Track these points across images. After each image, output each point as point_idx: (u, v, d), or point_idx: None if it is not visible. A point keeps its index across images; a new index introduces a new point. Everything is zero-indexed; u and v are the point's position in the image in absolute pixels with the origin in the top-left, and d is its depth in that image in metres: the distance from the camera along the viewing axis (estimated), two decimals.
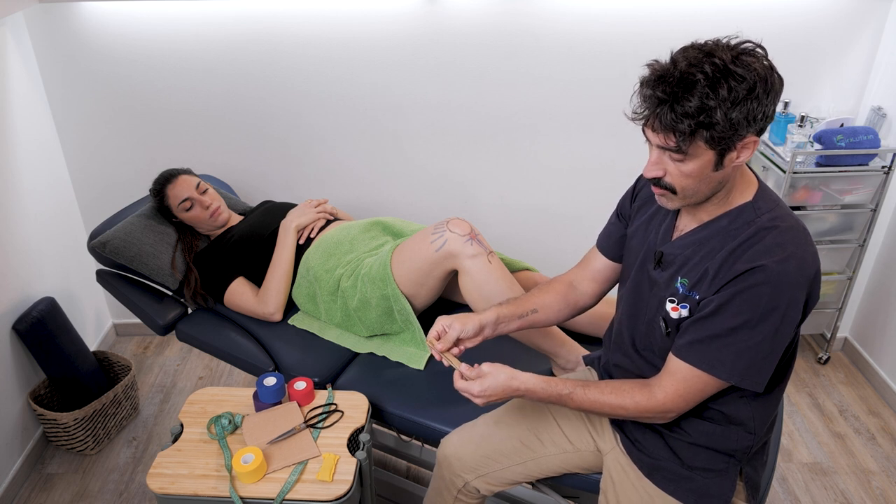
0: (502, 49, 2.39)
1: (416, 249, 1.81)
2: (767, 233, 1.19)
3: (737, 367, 1.21)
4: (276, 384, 1.65)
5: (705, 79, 1.08)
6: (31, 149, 2.38)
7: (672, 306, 1.29)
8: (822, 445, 2.42)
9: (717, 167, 1.16)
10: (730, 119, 1.09)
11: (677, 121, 1.10)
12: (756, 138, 1.14)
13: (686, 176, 1.18)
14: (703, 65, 1.08)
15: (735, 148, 1.14)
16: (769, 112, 1.12)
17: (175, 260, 2.12)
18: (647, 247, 1.38)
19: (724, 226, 1.24)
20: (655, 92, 1.11)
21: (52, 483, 2.27)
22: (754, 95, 1.09)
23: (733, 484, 1.37)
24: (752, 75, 1.08)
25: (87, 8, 2.30)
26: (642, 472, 1.43)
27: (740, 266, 1.18)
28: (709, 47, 1.12)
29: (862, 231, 2.51)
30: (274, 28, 2.35)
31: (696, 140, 1.12)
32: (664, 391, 1.28)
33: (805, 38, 2.40)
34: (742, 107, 1.09)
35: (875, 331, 2.69)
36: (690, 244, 1.28)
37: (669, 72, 1.11)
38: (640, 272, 1.39)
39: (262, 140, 2.57)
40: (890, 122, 2.40)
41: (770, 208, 1.22)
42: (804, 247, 1.19)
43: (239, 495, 1.44)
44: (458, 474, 1.60)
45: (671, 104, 1.10)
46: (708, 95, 1.08)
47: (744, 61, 1.09)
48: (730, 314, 1.19)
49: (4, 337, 2.20)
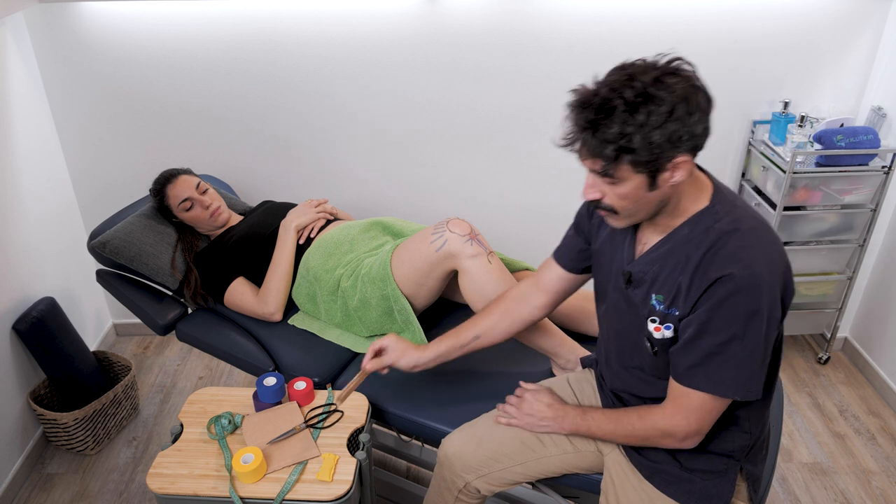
0: (502, 49, 2.39)
1: (416, 249, 1.81)
2: (730, 237, 1.18)
3: (739, 380, 1.21)
4: (276, 384, 1.65)
5: (624, 104, 1.08)
6: (31, 149, 2.38)
7: (654, 326, 1.29)
8: (822, 445, 2.42)
9: (651, 188, 1.16)
10: (650, 143, 1.09)
11: (600, 147, 1.11)
12: (687, 157, 1.13)
13: (622, 198, 1.19)
14: (622, 90, 1.09)
15: (666, 169, 1.14)
16: (696, 131, 1.11)
17: (175, 260, 2.12)
18: (615, 265, 1.38)
19: (685, 235, 1.23)
20: (578, 119, 1.13)
21: (52, 483, 2.27)
22: (675, 118, 1.08)
23: (733, 484, 1.37)
24: (672, 97, 1.08)
25: (87, 8, 2.30)
26: (643, 475, 1.43)
27: (710, 276, 1.17)
28: (631, 70, 1.12)
29: (862, 231, 2.51)
30: (274, 28, 2.35)
31: (622, 164, 1.13)
32: (680, 415, 1.28)
33: (805, 38, 2.40)
34: (662, 130, 1.08)
35: (875, 331, 2.69)
36: (656, 259, 1.27)
37: (590, 98, 1.12)
38: (616, 291, 1.38)
39: (262, 140, 2.57)
40: (890, 122, 2.40)
41: (728, 210, 1.21)
42: (769, 244, 1.19)
43: (239, 495, 1.44)
44: (458, 474, 1.60)
45: (593, 131, 1.11)
46: (626, 121, 1.08)
47: (665, 83, 1.09)
48: (714, 331, 1.18)
49: (4, 337, 2.20)
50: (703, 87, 1.13)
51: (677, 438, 1.30)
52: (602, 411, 1.43)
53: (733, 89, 2.49)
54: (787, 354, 2.86)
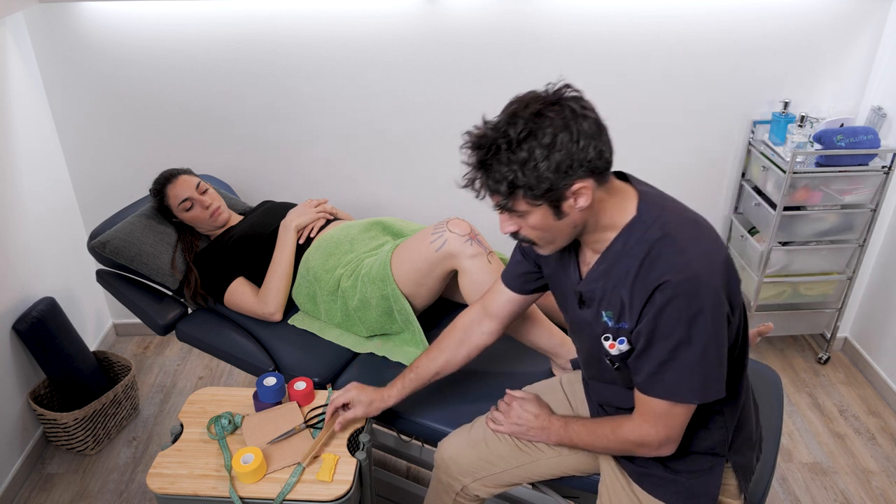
0: (502, 49, 2.39)
1: (416, 249, 1.81)
2: (661, 244, 1.18)
3: (694, 385, 1.20)
4: (276, 384, 1.65)
5: (507, 143, 1.11)
6: (31, 149, 2.38)
7: (609, 343, 1.29)
8: (822, 445, 2.42)
9: (558, 216, 1.17)
10: (538, 176, 1.10)
11: (494, 185, 1.14)
12: (586, 182, 1.13)
13: (534, 229, 1.20)
14: (506, 128, 1.11)
15: (566, 196, 1.14)
16: (587, 156, 1.11)
17: (175, 260, 2.12)
18: (567, 287, 1.38)
19: (620, 249, 1.23)
20: (470, 160, 1.16)
21: (52, 483, 2.27)
22: (557, 148, 1.09)
23: (719, 479, 1.38)
24: (551, 129, 1.09)
25: (87, 8, 2.30)
26: (632, 479, 1.44)
27: (648, 286, 1.17)
28: (515, 107, 1.14)
29: (862, 231, 2.51)
30: (274, 28, 2.35)
31: (518, 199, 1.15)
32: (648, 423, 1.28)
33: (805, 38, 2.40)
34: (548, 162, 1.09)
35: (875, 331, 2.69)
36: (600, 276, 1.27)
37: (479, 140, 1.15)
38: (574, 313, 1.39)
39: (262, 140, 2.57)
40: (890, 122, 2.40)
41: (656, 216, 1.20)
42: (702, 242, 1.19)
43: (239, 495, 1.44)
44: (455, 477, 1.61)
45: (484, 171, 1.14)
46: (510, 160, 1.11)
47: (545, 115, 1.10)
48: (662, 338, 1.18)
49: (4, 337, 2.20)
50: (588, 113, 1.13)
51: (652, 447, 1.30)
52: (582, 423, 1.43)
53: (733, 89, 2.49)
54: (787, 354, 2.86)
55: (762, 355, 2.85)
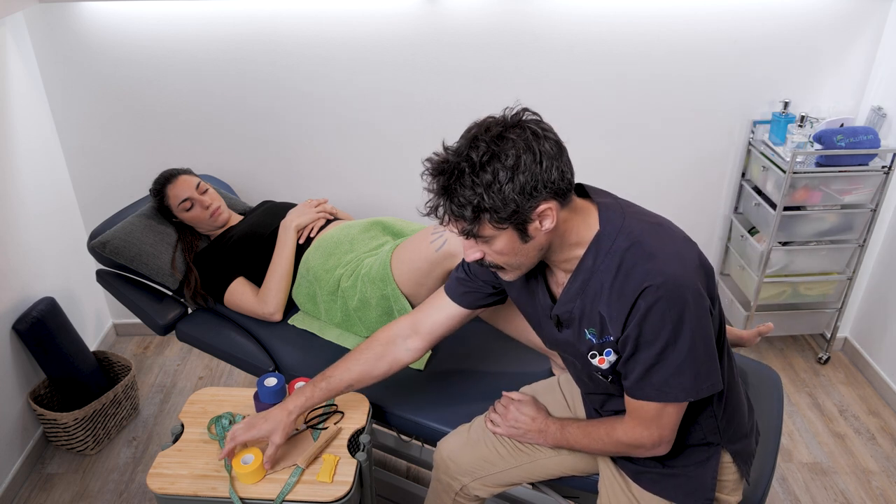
0: (502, 49, 2.39)
1: (416, 249, 1.81)
2: (631, 253, 1.18)
3: (684, 383, 1.20)
4: (277, 385, 1.65)
5: (470, 167, 1.10)
6: (31, 149, 2.38)
7: (598, 360, 1.28)
8: (822, 445, 2.42)
9: (524, 239, 1.16)
10: (504, 198, 1.10)
11: (459, 210, 1.13)
12: (551, 203, 1.13)
13: (500, 254, 1.19)
14: (468, 152, 1.10)
15: (532, 219, 1.13)
16: (550, 177, 1.11)
17: (175, 260, 2.12)
18: (540, 311, 1.37)
19: (591, 265, 1.22)
20: (433, 187, 1.15)
21: (52, 483, 2.27)
22: (520, 170, 1.09)
23: (715, 472, 1.38)
24: (514, 151, 1.09)
25: (87, 8, 2.30)
26: (629, 477, 1.44)
27: (628, 296, 1.17)
28: (476, 130, 1.13)
29: (862, 231, 2.51)
30: (274, 28, 2.35)
31: (484, 223, 1.14)
32: (642, 426, 1.29)
33: (805, 38, 2.40)
34: (513, 184, 1.09)
35: (875, 331, 2.69)
36: (576, 295, 1.26)
37: (441, 165, 1.14)
38: (553, 335, 1.37)
39: (262, 140, 2.57)
40: (890, 122, 2.40)
41: (618, 227, 1.20)
42: (669, 243, 1.19)
43: (239, 496, 1.44)
44: (455, 477, 1.61)
45: (448, 196, 1.13)
46: (475, 183, 1.09)
47: (506, 137, 1.10)
48: (648, 343, 1.18)
49: (4, 337, 2.20)
50: (548, 135, 1.13)
51: (646, 448, 1.31)
52: (578, 425, 1.42)
53: (733, 89, 2.49)
54: (787, 354, 2.86)
55: (762, 355, 2.85)
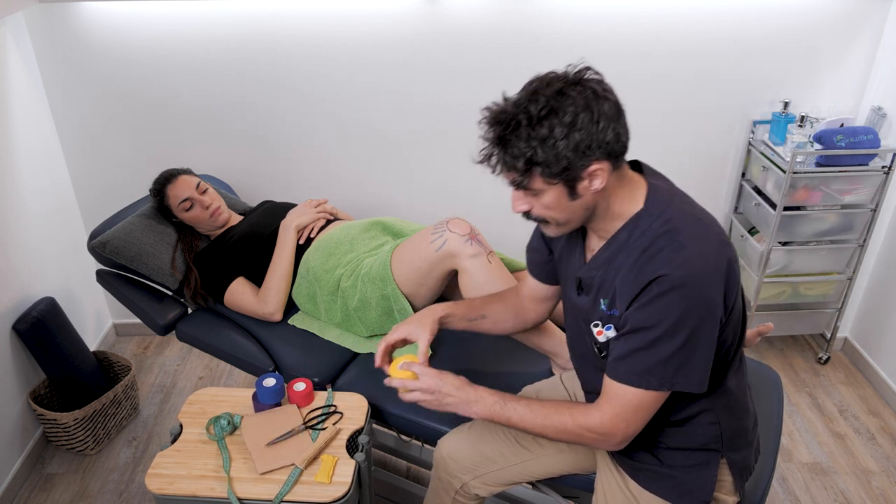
0: (502, 49, 2.39)
1: (416, 249, 1.81)
2: (664, 239, 1.18)
3: (665, 374, 1.20)
4: (276, 385, 1.65)
5: (527, 119, 1.11)
6: (31, 149, 2.38)
7: (597, 330, 1.29)
8: (822, 445, 2.42)
9: (572, 197, 1.18)
10: (557, 154, 1.11)
11: (511, 162, 1.14)
12: (603, 164, 1.14)
13: (547, 208, 1.21)
14: (526, 105, 1.11)
15: (582, 177, 1.15)
16: (605, 138, 1.12)
17: (175, 260, 2.12)
18: (569, 272, 1.38)
19: (624, 239, 1.23)
20: (488, 135, 1.16)
21: (52, 483, 2.28)
22: (578, 127, 1.10)
23: (714, 475, 1.38)
24: (573, 108, 1.10)
25: (87, 8, 2.30)
26: (627, 474, 1.44)
27: (644, 278, 1.17)
28: (536, 84, 1.14)
29: (862, 231, 2.51)
30: (274, 28, 2.35)
31: (535, 176, 1.15)
32: (601, 410, 1.26)
33: (805, 38, 2.39)
34: (567, 140, 1.10)
35: (875, 331, 2.69)
36: (601, 264, 1.27)
37: (498, 115, 1.15)
38: (570, 298, 1.39)
39: (262, 140, 2.57)
40: (890, 122, 2.39)
41: (661, 210, 1.21)
42: (706, 240, 1.18)
43: (237, 496, 1.45)
44: (455, 475, 1.61)
45: (503, 147, 1.14)
46: (531, 136, 1.11)
47: (566, 94, 1.11)
48: (646, 328, 1.18)
49: (4, 337, 2.20)
50: (608, 95, 1.14)
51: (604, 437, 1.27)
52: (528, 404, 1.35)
53: (733, 89, 2.48)
54: (787, 354, 2.86)
55: (762, 355, 2.85)
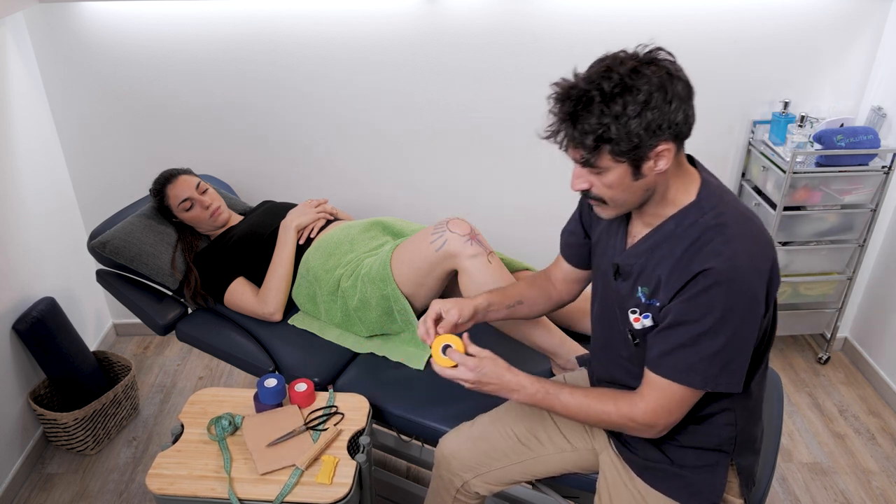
0: (502, 49, 2.39)
1: (416, 249, 1.81)
2: (714, 232, 1.19)
3: (709, 373, 1.21)
4: (277, 385, 1.65)
5: (600, 96, 1.11)
6: (31, 149, 2.38)
7: (634, 317, 1.29)
8: (822, 445, 2.42)
9: (636, 177, 1.18)
10: (628, 132, 1.11)
11: (580, 138, 1.14)
12: (670, 145, 1.14)
13: (608, 187, 1.21)
14: (600, 81, 1.11)
15: (648, 157, 1.15)
16: (676, 119, 1.12)
17: (175, 260, 2.12)
18: (607, 257, 1.39)
19: (671, 229, 1.24)
20: (559, 111, 1.16)
21: (52, 483, 2.28)
22: (651, 106, 1.10)
23: (724, 477, 1.38)
24: (647, 87, 1.10)
25: (87, 8, 2.30)
26: (634, 472, 1.44)
27: (691, 269, 1.18)
28: (609, 61, 1.14)
29: (862, 231, 2.51)
30: (274, 28, 2.35)
31: (603, 154, 1.15)
32: (645, 401, 1.27)
33: (805, 38, 2.39)
34: (640, 119, 1.10)
35: (875, 331, 2.69)
36: (643, 252, 1.28)
37: (569, 91, 1.15)
38: (606, 283, 1.39)
39: (262, 140, 2.57)
40: (890, 122, 2.39)
41: (714, 205, 1.22)
42: (754, 239, 1.19)
43: (237, 497, 1.45)
44: (456, 473, 1.61)
45: (572, 122, 1.14)
46: (603, 112, 1.11)
47: (641, 73, 1.11)
48: (690, 322, 1.19)
49: (4, 337, 2.20)
50: (681, 76, 1.14)
51: (646, 427, 1.28)
52: (571, 392, 1.34)
53: (733, 89, 2.48)
54: (788, 354, 2.86)
55: None
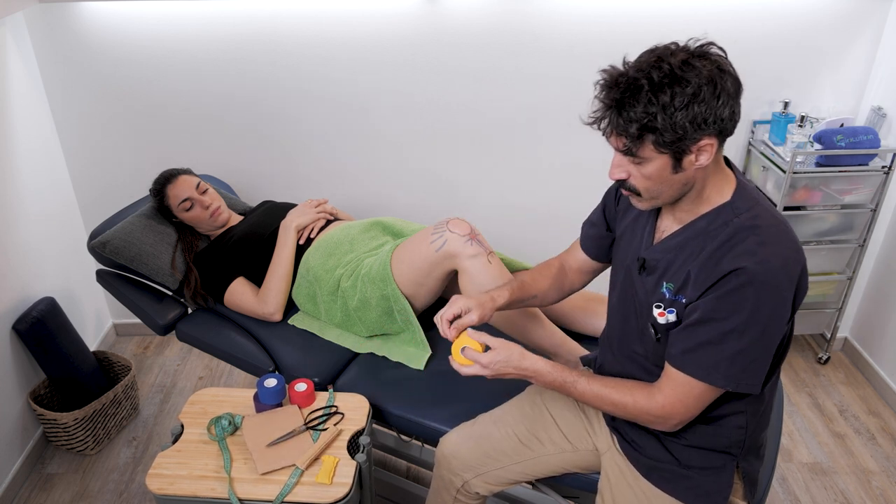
0: (502, 49, 2.39)
1: (416, 249, 1.81)
2: (747, 233, 1.19)
3: (731, 372, 1.21)
4: (277, 385, 1.65)
5: (650, 84, 1.10)
6: (31, 149, 2.38)
7: (659, 311, 1.29)
8: (822, 445, 2.42)
9: (675, 170, 1.18)
10: (674, 123, 1.10)
11: (625, 126, 1.13)
12: (713, 140, 1.14)
13: (646, 178, 1.20)
14: (650, 70, 1.11)
15: (690, 151, 1.15)
16: (722, 114, 1.12)
17: (175, 260, 2.12)
18: (632, 251, 1.39)
19: (702, 227, 1.24)
20: (605, 97, 1.16)
21: (52, 483, 2.28)
22: (699, 99, 1.10)
23: (730, 480, 1.38)
24: (697, 80, 1.09)
25: (87, 8, 2.30)
26: (640, 473, 1.43)
27: (722, 268, 1.18)
28: (661, 51, 1.14)
29: (862, 231, 2.51)
30: (274, 28, 2.35)
31: (646, 143, 1.15)
32: (663, 395, 1.28)
33: (805, 38, 2.39)
34: (686, 111, 1.10)
35: (875, 331, 2.69)
36: (672, 248, 1.28)
37: (618, 78, 1.14)
38: (628, 277, 1.39)
39: (262, 140, 2.57)
40: (890, 122, 2.39)
41: (749, 206, 1.22)
42: (786, 244, 1.19)
43: (238, 497, 1.45)
44: (456, 473, 1.61)
45: (618, 109, 1.13)
46: (651, 101, 1.10)
47: (692, 65, 1.10)
48: (717, 320, 1.19)
49: (4, 337, 2.20)
50: (731, 72, 1.14)
51: (665, 420, 1.29)
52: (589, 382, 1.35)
53: None
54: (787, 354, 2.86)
55: None
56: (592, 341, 1.90)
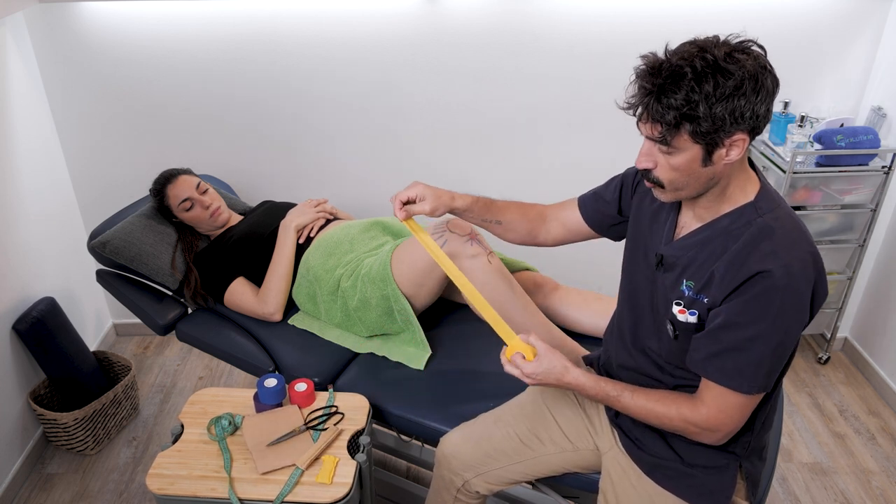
0: (502, 49, 2.39)
1: (417, 249, 1.81)
2: (771, 233, 1.19)
3: (756, 378, 1.21)
4: (277, 385, 1.65)
5: (693, 73, 1.09)
6: (31, 149, 2.38)
7: (679, 309, 1.28)
8: (822, 445, 2.42)
9: (705, 163, 1.17)
10: (713, 114, 1.10)
11: (662, 112, 1.12)
12: (745, 136, 1.14)
13: (674, 169, 1.19)
14: (693, 59, 1.10)
15: (723, 144, 1.14)
16: (759, 111, 1.12)
17: (175, 260, 2.12)
18: (648, 245, 1.38)
19: (725, 226, 1.24)
20: (645, 83, 1.14)
21: (52, 483, 2.28)
22: (741, 93, 1.09)
23: (734, 480, 1.38)
24: (740, 73, 1.09)
25: (87, 8, 2.30)
26: (643, 471, 1.43)
27: (749, 269, 1.17)
28: (703, 42, 1.13)
29: (862, 231, 2.51)
30: (274, 28, 2.35)
31: (681, 132, 1.14)
32: (707, 406, 1.27)
33: (805, 38, 2.39)
34: (727, 103, 1.09)
35: (875, 331, 2.69)
36: (693, 245, 1.27)
37: (660, 65, 1.13)
38: (643, 271, 1.38)
39: (262, 140, 2.57)
40: (890, 122, 2.39)
41: (771, 208, 1.22)
42: (807, 248, 1.19)
43: (238, 497, 1.45)
44: (457, 473, 1.61)
45: (658, 95, 1.12)
46: (693, 89, 1.09)
47: (735, 58, 1.10)
48: (743, 325, 1.18)
49: (4, 337, 2.20)
50: (772, 71, 1.14)
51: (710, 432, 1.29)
52: (632, 394, 1.35)
53: None
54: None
55: None
56: (592, 341, 1.90)
